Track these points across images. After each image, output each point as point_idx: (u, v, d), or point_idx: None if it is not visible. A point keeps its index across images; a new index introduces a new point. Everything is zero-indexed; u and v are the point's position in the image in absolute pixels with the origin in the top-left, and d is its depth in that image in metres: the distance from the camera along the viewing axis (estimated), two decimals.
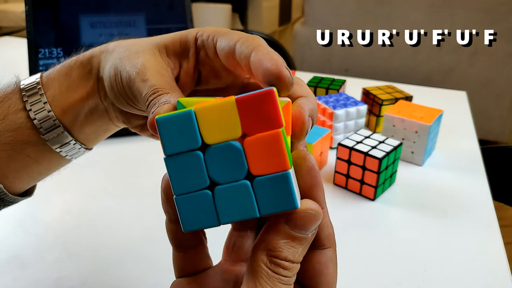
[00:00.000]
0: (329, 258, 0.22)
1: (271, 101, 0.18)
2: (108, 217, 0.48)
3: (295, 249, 0.19)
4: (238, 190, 0.19)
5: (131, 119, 0.30)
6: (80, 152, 0.30)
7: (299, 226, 0.19)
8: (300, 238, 0.19)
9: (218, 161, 0.19)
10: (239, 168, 0.19)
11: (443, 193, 0.53)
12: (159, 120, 0.19)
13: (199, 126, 0.19)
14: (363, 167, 0.50)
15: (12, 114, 0.27)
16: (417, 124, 0.57)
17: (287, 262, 0.19)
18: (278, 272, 0.19)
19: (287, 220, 0.19)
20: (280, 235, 0.19)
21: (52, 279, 0.39)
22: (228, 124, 0.18)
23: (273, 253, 0.19)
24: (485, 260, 0.42)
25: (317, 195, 0.21)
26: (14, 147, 0.27)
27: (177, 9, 0.86)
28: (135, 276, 0.39)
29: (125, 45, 0.27)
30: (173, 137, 0.19)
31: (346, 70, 1.83)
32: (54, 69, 0.29)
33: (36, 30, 0.79)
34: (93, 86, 0.28)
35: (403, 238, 0.45)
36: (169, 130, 0.19)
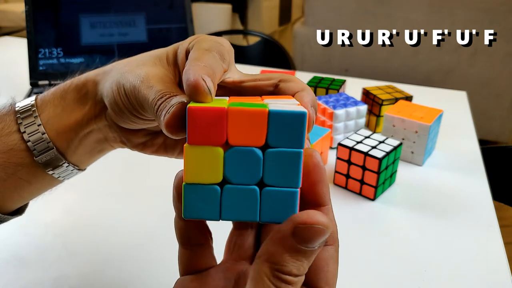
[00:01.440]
0: (330, 255, 0.21)
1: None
2: (108, 217, 0.48)
3: (300, 262, 0.18)
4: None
5: (132, 137, 0.30)
6: (73, 173, 0.31)
7: (306, 240, 0.18)
8: (306, 252, 0.18)
9: (237, 162, 0.19)
10: (254, 175, 0.19)
11: (443, 193, 0.53)
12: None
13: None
14: (363, 167, 0.50)
15: (5, 136, 0.27)
16: (417, 124, 0.57)
17: (291, 276, 0.18)
18: (280, 287, 0.18)
19: (294, 233, 0.18)
20: (285, 248, 0.18)
21: (52, 279, 0.39)
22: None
23: (276, 267, 0.18)
24: (485, 260, 0.42)
25: (322, 191, 0.21)
26: (6, 169, 0.27)
27: (177, 9, 0.86)
28: (135, 276, 0.40)
29: (124, 62, 0.28)
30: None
31: (346, 70, 1.83)
32: (49, 92, 0.29)
33: (36, 30, 0.79)
34: (88, 109, 0.28)
35: (403, 238, 0.45)
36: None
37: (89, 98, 0.28)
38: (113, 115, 0.28)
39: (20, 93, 0.79)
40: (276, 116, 0.19)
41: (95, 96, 0.28)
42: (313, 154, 0.21)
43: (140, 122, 0.28)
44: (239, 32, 1.77)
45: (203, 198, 0.20)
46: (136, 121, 0.27)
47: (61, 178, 0.30)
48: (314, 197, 0.21)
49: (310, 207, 0.21)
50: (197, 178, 0.19)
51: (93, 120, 0.29)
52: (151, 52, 0.28)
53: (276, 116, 0.19)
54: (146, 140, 0.31)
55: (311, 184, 0.21)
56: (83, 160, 0.30)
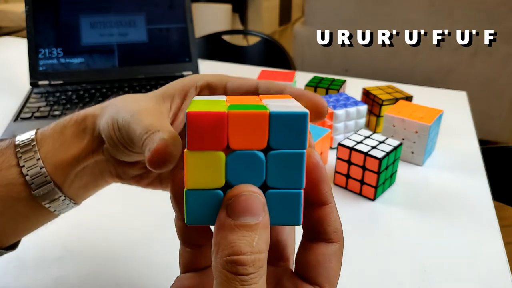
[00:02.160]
0: (333, 252, 0.21)
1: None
2: (108, 217, 0.48)
3: (249, 238, 0.17)
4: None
5: (128, 170, 0.31)
6: (69, 207, 0.31)
7: (241, 212, 0.18)
8: (250, 225, 0.18)
9: (239, 166, 0.19)
10: (257, 178, 0.19)
11: (443, 193, 0.53)
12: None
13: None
14: (363, 167, 0.50)
15: (4, 169, 0.28)
16: (417, 124, 0.57)
17: (245, 255, 0.17)
18: (237, 272, 0.17)
19: (227, 212, 0.18)
20: (226, 230, 0.18)
21: (52, 279, 0.39)
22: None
23: (226, 252, 0.17)
24: (485, 260, 0.42)
25: (324, 190, 0.21)
26: (3, 202, 0.27)
27: (177, 9, 0.86)
28: (135, 276, 0.40)
29: (122, 98, 0.29)
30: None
31: (346, 70, 1.83)
32: (49, 127, 0.30)
33: (36, 30, 0.79)
34: (86, 144, 0.29)
35: (403, 238, 0.45)
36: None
37: (87, 133, 0.29)
38: (110, 149, 0.28)
39: (20, 93, 0.79)
40: (277, 117, 0.19)
41: (93, 131, 0.29)
42: (311, 154, 0.21)
43: (134, 156, 0.28)
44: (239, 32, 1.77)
45: (206, 203, 0.19)
46: (130, 154, 0.28)
47: (57, 212, 0.30)
48: (316, 196, 0.21)
49: (313, 207, 0.21)
50: (199, 183, 0.19)
51: (91, 155, 0.29)
52: (150, 92, 0.29)
53: (277, 118, 0.19)
54: (142, 172, 0.32)
55: (312, 184, 0.21)
56: (78, 195, 0.31)
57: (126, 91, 0.78)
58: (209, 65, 1.03)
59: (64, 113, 0.70)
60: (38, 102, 0.73)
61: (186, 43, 0.86)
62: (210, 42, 1.33)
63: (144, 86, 0.81)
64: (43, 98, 0.74)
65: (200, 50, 1.24)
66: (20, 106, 0.71)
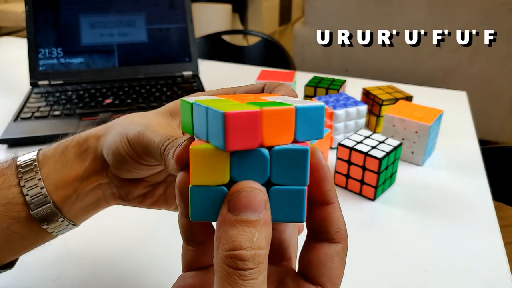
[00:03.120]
0: (336, 252, 0.21)
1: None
2: (109, 217, 0.48)
3: (250, 233, 0.18)
4: None
5: (132, 189, 0.31)
6: (67, 228, 0.31)
7: (241, 208, 0.18)
8: (251, 221, 0.18)
9: (243, 163, 0.19)
10: (261, 175, 0.19)
11: (443, 193, 0.53)
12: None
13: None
14: (363, 167, 0.50)
15: (5, 189, 0.28)
16: (417, 124, 0.57)
17: (245, 250, 0.17)
18: (237, 267, 0.17)
19: (228, 208, 0.18)
20: (227, 226, 0.18)
21: (52, 279, 0.39)
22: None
23: (227, 246, 0.17)
24: (485, 260, 0.42)
25: (326, 189, 0.21)
26: (1, 222, 0.27)
27: (177, 9, 0.86)
28: (135, 276, 0.39)
29: (126, 116, 0.29)
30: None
31: (346, 70, 1.83)
32: (51, 147, 0.30)
33: (36, 30, 0.79)
34: (88, 165, 0.29)
35: (403, 238, 0.45)
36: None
37: (90, 154, 0.29)
38: (115, 168, 0.28)
39: (20, 93, 0.79)
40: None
41: (95, 151, 0.29)
42: (315, 153, 0.21)
43: (143, 169, 0.28)
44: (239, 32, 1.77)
45: (210, 200, 0.19)
46: (139, 168, 0.28)
47: (55, 233, 0.30)
48: (319, 195, 0.21)
49: (316, 206, 0.21)
50: (204, 180, 0.19)
51: (93, 176, 0.29)
52: (154, 110, 0.30)
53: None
54: (147, 191, 0.32)
55: (315, 183, 0.21)
56: (78, 216, 0.31)
57: (126, 91, 0.78)
58: (209, 65, 1.03)
59: (64, 113, 0.70)
60: (38, 102, 0.73)
61: (186, 43, 0.86)
62: (210, 42, 1.33)
63: (144, 86, 0.81)
64: (43, 98, 0.74)
65: (200, 50, 1.24)
66: (20, 106, 0.71)
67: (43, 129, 0.65)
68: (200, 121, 0.20)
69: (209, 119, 0.19)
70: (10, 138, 0.62)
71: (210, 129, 0.19)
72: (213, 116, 0.18)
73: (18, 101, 0.76)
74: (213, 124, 0.18)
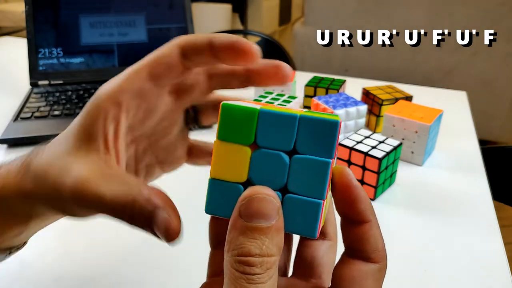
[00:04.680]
0: (371, 271, 0.20)
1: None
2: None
3: (260, 241, 0.18)
4: None
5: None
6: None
7: (253, 215, 0.18)
8: (262, 228, 0.18)
9: (262, 164, 0.19)
10: (279, 179, 0.19)
11: (443, 193, 0.53)
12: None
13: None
14: (363, 167, 0.50)
15: None
16: (417, 124, 0.57)
17: (253, 257, 0.17)
18: (244, 271, 0.17)
19: (240, 213, 0.18)
20: (238, 231, 0.18)
21: (52, 279, 0.39)
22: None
23: (236, 252, 0.18)
24: (485, 260, 0.42)
25: (360, 209, 0.20)
26: None
27: (177, 9, 0.86)
28: (135, 276, 0.39)
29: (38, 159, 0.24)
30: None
31: (346, 70, 1.83)
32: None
33: (36, 30, 0.79)
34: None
35: (403, 238, 0.45)
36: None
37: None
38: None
39: (20, 93, 0.79)
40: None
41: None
42: (345, 173, 0.20)
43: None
44: (239, 32, 1.77)
45: (226, 195, 0.19)
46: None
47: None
48: (354, 215, 0.20)
49: (352, 225, 0.21)
50: (223, 174, 0.19)
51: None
52: (64, 135, 0.24)
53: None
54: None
55: (348, 203, 0.20)
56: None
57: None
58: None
59: (64, 113, 0.70)
60: (38, 102, 0.73)
61: None
62: None
63: None
64: (43, 98, 0.74)
65: None
66: (20, 106, 0.71)
67: (43, 129, 0.65)
68: (276, 131, 0.19)
69: (304, 128, 0.19)
70: (10, 138, 0.62)
71: (304, 138, 0.19)
72: (316, 125, 0.19)
73: (18, 101, 0.76)
74: (315, 133, 0.19)
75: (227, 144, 0.19)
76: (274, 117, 0.19)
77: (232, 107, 0.19)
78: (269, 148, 0.19)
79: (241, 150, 0.19)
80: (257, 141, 0.19)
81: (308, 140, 0.19)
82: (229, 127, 0.19)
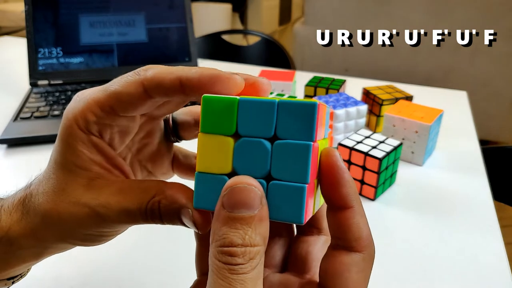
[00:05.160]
0: (354, 262, 0.19)
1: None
2: None
3: (243, 231, 0.17)
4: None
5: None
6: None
7: (234, 205, 0.18)
8: (244, 218, 0.17)
9: (245, 154, 0.19)
10: (262, 167, 0.19)
11: (444, 193, 0.53)
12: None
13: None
14: (363, 167, 0.50)
15: None
16: (418, 124, 0.57)
17: (235, 247, 0.17)
18: (227, 261, 0.17)
19: (223, 204, 0.18)
20: (221, 222, 0.18)
21: (52, 278, 0.39)
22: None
23: (219, 242, 0.17)
24: (485, 260, 0.42)
25: (342, 192, 0.19)
26: None
27: (177, 9, 0.86)
28: (136, 276, 0.39)
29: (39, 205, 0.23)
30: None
31: (346, 70, 1.82)
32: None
33: (35, 30, 0.79)
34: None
35: (403, 238, 0.45)
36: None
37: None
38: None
39: (20, 93, 0.79)
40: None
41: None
42: (331, 153, 0.20)
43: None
44: (239, 32, 1.77)
45: (213, 188, 0.20)
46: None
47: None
48: (336, 199, 0.20)
49: (334, 210, 0.20)
50: (208, 167, 0.20)
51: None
52: (54, 173, 0.23)
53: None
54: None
55: (331, 184, 0.20)
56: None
57: None
58: (208, 64, 1.03)
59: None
60: (37, 102, 0.73)
61: (185, 42, 0.86)
62: (210, 42, 1.33)
63: None
64: (42, 98, 0.74)
65: (200, 49, 1.24)
66: (19, 106, 0.71)
67: (43, 129, 0.65)
68: (256, 118, 0.19)
69: (283, 114, 0.19)
70: (9, 138, 0.62)
71: (284, 123, 0.19)
72: (295, 109, 0.19)
73: (17, 101, 0.76)
74: (294, 117, 0.19)
75: (211, 137, 0.19)
76: (253, 105, 0.19)
77: (212, 99, 0.19)
78: (251, 136, 0.19)
79: (224, 141, 0.19)
80: (239, 130, 0.19)
81: (288, 125, 0.19)
82: (211, 119, 0.19)
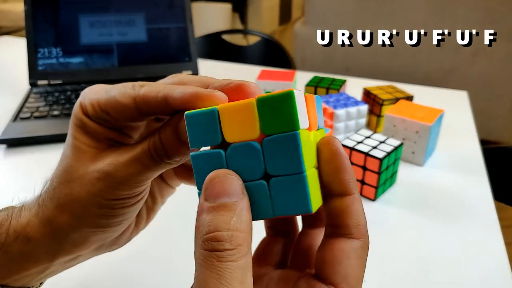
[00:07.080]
0: (353, 248, 0.19)
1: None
2: None
3: (227, 216, 0.17)
4: (256, 189, 0.19)
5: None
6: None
7: (216, 194, 0.18)
8: (228, 205, 0.18)
9: (238, 159, 0.19)
10: (257, 167, 0.19)
11: (444, 193, 0.53)
12: (188, 115, 0.20)
13: (221, 124, 0.19)
14: (364, 167, 0.50)
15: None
16: (418, 124, 0.56)
17: (221, 232, 0.17)
18: (213, 248, 0.17)
19: (205, 197, 0.18)
20: (204, 212, 0.18)
21: (52, 279, 0.39)
22: (247, 124, 0.19)
23: (204, 230, 0.17)
24: (486, 260, 0.42)
25: (344, 179, 0.19)
26: None
27: (177, 9, 0.86)
28: (136, 276, 0.39)
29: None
30: (198, 132, 0.20)
31: (347, 69, 1.82)
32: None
33: (35, 30, 0.79)
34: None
35: (403, 238, 0.45)
36: (195, 125, 0.20)
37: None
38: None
39: (19, 93, 0.79)
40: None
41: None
42: (331, 141, 0.20)
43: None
44: (239, 32, 1.77)
45: (207, 126, 0.20)
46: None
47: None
48: (336, 186, 0.20)
49: (334, 197, 0.20)
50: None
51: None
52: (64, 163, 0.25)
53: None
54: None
55: (332, 172, 0.20)
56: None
57: None
58: (208, 64, 1.02)
59: (63, 113, 0.69)
60: (37, 102, 0.73)
61: (185, 42, 0.86)
62: (210, 42, 1.32)
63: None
64: (42, 98, 0.74)
65: (200, 49, 1.23)
66: (19, 106, 0.71)
67: (43, 129, 0.64)
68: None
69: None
70: (9, 138, 0.62)
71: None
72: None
73: (17, 101, 0.76)
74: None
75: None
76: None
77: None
78: (238, 141, 0.19)
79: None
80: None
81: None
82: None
